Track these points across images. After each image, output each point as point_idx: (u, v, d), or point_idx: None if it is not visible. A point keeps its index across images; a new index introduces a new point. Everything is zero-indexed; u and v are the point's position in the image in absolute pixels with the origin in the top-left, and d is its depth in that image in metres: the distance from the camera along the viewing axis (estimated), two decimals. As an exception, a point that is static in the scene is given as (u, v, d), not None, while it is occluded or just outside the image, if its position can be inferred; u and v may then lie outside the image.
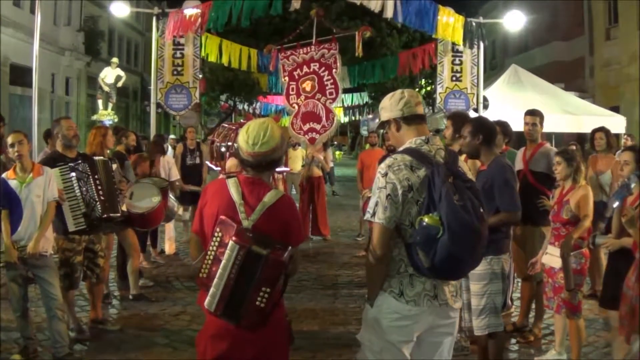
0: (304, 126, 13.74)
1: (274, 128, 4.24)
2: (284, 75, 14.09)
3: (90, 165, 7.82)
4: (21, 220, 6.83)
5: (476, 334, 6.26)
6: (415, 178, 4.09)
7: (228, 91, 31.92)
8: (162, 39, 14.88)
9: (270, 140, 4.16)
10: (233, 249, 3.98)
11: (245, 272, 4.00)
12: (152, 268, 11.65)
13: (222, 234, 4.08)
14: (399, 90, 4.40)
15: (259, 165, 4.22)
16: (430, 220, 3.92)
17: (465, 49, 15.55)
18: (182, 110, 15.17)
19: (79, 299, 8.80)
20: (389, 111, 4.38)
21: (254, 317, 4.07)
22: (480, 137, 6.20)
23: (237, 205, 4.14)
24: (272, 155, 4.20)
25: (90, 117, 29.64)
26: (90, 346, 7.77)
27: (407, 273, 4.16)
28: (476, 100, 15.81)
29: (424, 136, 4.29)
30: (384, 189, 4.11)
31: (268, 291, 4.03)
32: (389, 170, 4.14)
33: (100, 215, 7.75)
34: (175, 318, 8.88)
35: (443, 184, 3.96)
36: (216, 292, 4.03)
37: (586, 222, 6.82)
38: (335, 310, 9.29)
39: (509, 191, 6.03)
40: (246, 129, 4.23)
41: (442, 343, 4.32)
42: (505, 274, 6.22)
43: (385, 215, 4.09)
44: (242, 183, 4.23)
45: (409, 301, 4.14)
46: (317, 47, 13.79)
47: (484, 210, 4.09)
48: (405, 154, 4.20)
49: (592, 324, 8.63)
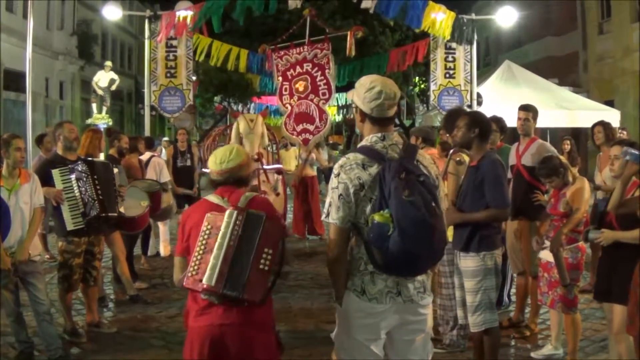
0: (297, 127, 13.69)
1: (240, 150, 4.56)
2: (277, 75, 14.04)
3: (90, 166, 7.87)
4: (10, 228, 6.80)
5: (472, 331, 6.25)
6: (367, 176, 4.07)
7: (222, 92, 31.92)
8: (154, 41, 14.90)
9: (235, 157, 4.43)
10: (231, 215, 4.13)
11: (245, 235, 4.10)
12: (149, 270, 11.63)
13: (211, 226, 4.17)
14: (378, 87, 4.21)
15: (226, 183, 4.44)
16: (381, 218, 3.91)
17: (458, 46, 15.58)
18: (176, 112, 15.20)
19: (75, 302, 8.79)
20: (360, 101, 4.29)
21: (256, 286, 4.11)
22: (477, 130, 6.18)
23: (223, 203, 4.32)
24: (239, 172, 4.45)
25: (85, 120, 29.59)
26: (87, 349, 7.75)
27: (368, 271, 4.14)
28: (470, 97, 15.86)
29: (380, 133, 4.24)
30: (336, 189, 4.11)
31: (270, 252, 4.13)
32: (341, 170, 4.13)
33: (97, 213, 7.76)
34: (172, 320, 8.86)
35: (392, 179, 3.93)
36: (216, 262, 4.05)
37: (577, 214, 6.81)
38: (331, 309, 9.16)
39: (499, 187, 6.00)
40: (214, 153, 4.51)
41: (414, 340, 4.28)
42: (499, 269, 6.21)
43: (339, 215, 4.10)
44: (221, 193, 4.45)
45: (371, 299, 4.13)
46: (310, 47, 13.74)
47: (436, 204, 4.05)
48: (358, 153, 4.20)
49: (589, 317, 8.63)
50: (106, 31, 41.35)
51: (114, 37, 44.46)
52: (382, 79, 4.32)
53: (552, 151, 7.92)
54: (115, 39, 44.82)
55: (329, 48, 13.74)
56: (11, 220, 6.81)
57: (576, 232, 6.89)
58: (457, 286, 6.36)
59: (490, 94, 17.75)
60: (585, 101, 20.48)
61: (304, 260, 12.49)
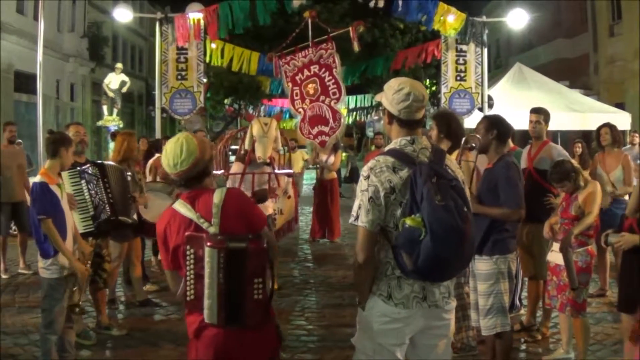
0: (313, 130, 13.71)
1: (190, 143, 4.21)
2: (287, 81, 14.09)
3: (100, 169, 7.83)
4: (66, 229, 6.59)
5: (484, 334, 6.23)
6: (398, 179, 4.04)
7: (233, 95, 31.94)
8: (165, 43, 14.92)
9: (187, 157, 4.15)
10: (212, 254, 3.95)
11: (232, 272, 3.97)
12: (159, 272, 11.64)
13: (194, 250, 4.05)
14: (407, 89, 4.18)
15: (188, 181, 4.26)
16: (412, 222, 3.88)
17: (470, 48, 15.57)
18: (187, 114, 15.21)
19: (85, 304, 8.79)
20: (388, 103, 4.27)
21: (256, 313, 4.05)
22: (495, 132, 6.17)
23: (196, 219, 4.12)
24: (196, 168, 4.20)
25: (96, 122, 29.71)
26: (96, 351, 7.76)
27: (395, 276, 4.11)
28: (481, 100, 15.81)
29: (409, 137, 4.22)
30: (366, 192, 4.07)
31: (261, 281, 4.02)
32: (371, 172, 4.09)
33: (108, 217, 7.73)
34: (182, 322, 8.75)
35: (424, 184, 3.90)
36: (212, 302, 3.98)
37: (588, 219, 6.78)
38: (342, 311, 9.26)
39: (512, 188, 5.98)
40: (165, 151, 4.26)
41: (437, 345, 4.27)
42: (512, 273, 6.19)
43: (368, 219, 4.05)
44: (188, 200, 4.23)
45: (398, 304, 4.10)
46: (315, 48, 13.77)
47: (468, 209, 4.03)
48: (387, 156, 4.16)
49: (600, 321, 8.59)
50: (117, 33, 41.44)
51: (125, 39, 44.56)
52: (410, 81, 4.29)
53: (563, 154, 7.90)
54: (126, 41, 44.92)
55: (333, 47, 13.78)
56: (65, 220, 6.59)
57: (586, 235, 6.87)
58: (472, 289, 6.35)
59: (500, 97, 17.72)
60: (596, 104, 20.42)
61: (314, 263, 12.49)
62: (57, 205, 6.48)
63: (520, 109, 14.26)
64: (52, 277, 6.51)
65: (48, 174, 6.54)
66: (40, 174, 6.56)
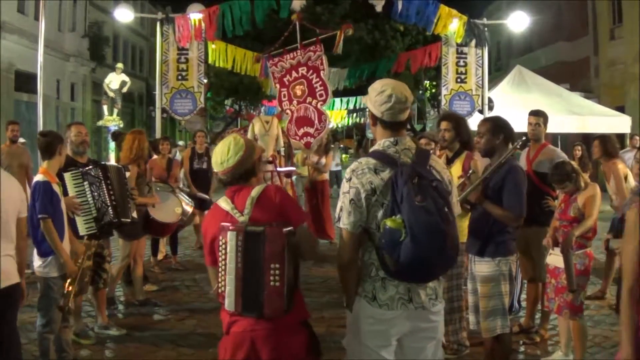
0: (299, 131, 13.89)
1: (237, 142, 4.37)
2: (274, 83, 14.25)
3: (102, 170, 7.78)
4: (64, 229, 6.61)
5: (484, 337, 6.21)
6: (379, 181, 4.05)
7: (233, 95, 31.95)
8: (166, 44, 14.95)
9: (234, 154, 4.31)
10: (232, 238, 4.07)
11: (249, 256, 4.05)
12: (159, 273, 11.66)
13: (225, 240, 4.13)
14: (389, 91, 4.19)
15: (233, 180, 4.37)
16: (393, 224, 3.89)
17: (470, 50, 15.59)
18: (187, 115, 15.24)
19: (84, 304, 8.80)
20: (372, 105, 4.29)
21: (274, 301, 4.07)
22: (502, 136, 6.16)
23: (230, 210, 4.25)
24: (242, 167, 4.34)
25: (96, 122, 29.71)
26: (96, 351, 7.76)
27: (379, 277, 4.12)
28: (481, 102, 15.82)
29: (392, 138, 4.23)
30: (347, 194, 4.10)
31: (277, 267, 4.05)
32: (353, 175, 4.13)
33: (111, 219, 7.71)
34: (181, 322, 8.88)
35: (405, 184, 3.92)
36: (231, 289, 4.06)
37: (588, 221, 6.80)
38: (342, 314, 9.19)
39: (518, 194, 5.93)
40: (214, 153, 4.42)
41: (425, 348, 4.25)
42: (513, 275, 6.19)
43: (350, 220, 4.08)
44: (229, 195, 4.37)
45: (382, 305, 4.10)
46: (303, 50, 13.93)
47: (449, 210, 4.03)
48: (370, 157, 4.19)
49: (599, 324, 8.60)
50: (117, 33, 41.48)
51: (126, 39, 44.59)
52: (393, 83, 4.30)
53: (562, 157, 7.90)
54: (126, 41, 44.95)
55: (321, 49, 13.93)
56: (63, 220, 6.61)
57: (585, 238, 6.88)
58: (471, 291, 6.33)
59: (500, 99, 17.76)
60: (596, 107, 20.48)
61: (314, 264, 12.47)
62: (57, 206, 6.50)
63: (519, 112, 14.27)
64: (49, 277, 6.54)
65: (49, 172, 6.56)
66: (41, 173, 6.55)
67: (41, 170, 6.64)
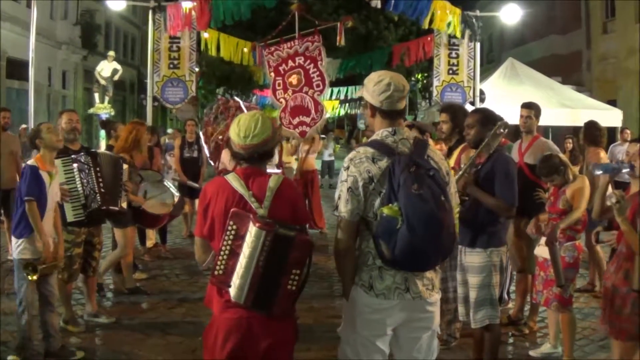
0: (294, 120, 13.91)
1: (265, 120, 4.23)
2: (269, 72, 14.26)
3: (92, 158, 7.84)
4: (44, 216, 6.65)
5: (473, 327, 6.21)
6: (377, 169, 4.07)
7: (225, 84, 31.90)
8: (158, 32, 14.91)
9: (261, 132, 4.15)
10: (259, 235, 3.94)
11: (274, 258, 3.98)
12: (150, 261, 11.64)
13: (237, 227, 4.03)
14: (387, 80, 4.23)
15: (251, 158, 4.22)
16: (389, 211, 3.91)
17: (462, 42, 15.60)
18: (179, 103, 15.24)
19: (74, 292, 8.78)
20: (369, 95, 4.30)
21: (285, 303, 4.08)
22: (491, 127, 6.15)
23: (247, 196, 4.10)
24: (264, 147, 4.20)
25: (87, 110, 29.61)
26: (85, 339, 7.75)
27: (376, 266, 4.13)
28: (473, 94, 15.84)
29: (390, 128, 4.24)
30: (345, 182, 4.12)
31: (298, 273, 4.06)
32: (351, 163, 4.14)
33: (99, 206, 7.74)
34: (170, 311, 8.89)
35: (402, 173, 3.93)
36: (244, 283, 3.98)
37: (575, 213, 6.81)
38: (331, 303, 9.28)
39: (511, 185, 5.95)
40: (237, 121, 4.23)
41: (421, 338, 4.26)
42: (504, 266, 6.21)
43: (347, 209, 4.10)
44: (243, 176, 4.20)
45: (379, 294, 4.12)
46: (301, 40, 13.99)
47: (446, 199, 4.04)
48: (368, 147, 4.20)
49: (588, 317, 8.63)
50: (109, 21, 41.25)
51: (118, 27, 44.35)
52: (390, 73, 4.33)
53: (554, 149, 7.92)
54: (118, 29, 44.71)
55: (319, 40, 13.98)
56: (45, 208, 6.67)
57: (574, 230, 6.90)
58: (460, 282, 6.31)
59: (492, 91, 17.73)
60: (588, 100, 20.47)
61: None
62: (42, 191, 6.60)
63: (511, 104, 14.27)
64: (20, 258, 6.62)
65: (41, 160, 6.69)
66: (34, 159, 6.72)
67: (36, 157, 6.82)
